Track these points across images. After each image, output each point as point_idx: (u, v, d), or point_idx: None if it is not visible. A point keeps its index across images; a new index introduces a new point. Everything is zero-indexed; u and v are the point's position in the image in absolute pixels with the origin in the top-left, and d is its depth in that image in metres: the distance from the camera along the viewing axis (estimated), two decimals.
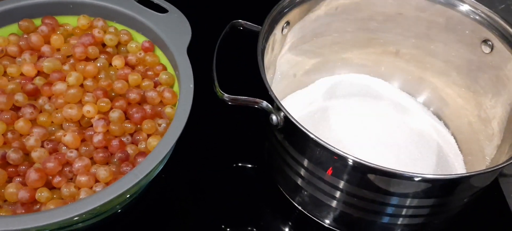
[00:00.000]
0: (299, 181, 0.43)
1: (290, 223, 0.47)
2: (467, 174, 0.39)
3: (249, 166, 0.51)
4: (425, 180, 0.36)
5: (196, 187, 0.49)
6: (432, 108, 0.55)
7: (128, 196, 0.39)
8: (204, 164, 0.51)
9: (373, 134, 0.49)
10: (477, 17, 0.47)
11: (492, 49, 0.47)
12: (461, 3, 0.48)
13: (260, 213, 0.48)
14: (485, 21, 0.47)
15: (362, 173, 0.37)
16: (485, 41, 0.47)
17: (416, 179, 0.36)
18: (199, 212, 0.47)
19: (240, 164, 0.51)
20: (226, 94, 0.41)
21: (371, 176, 0.37)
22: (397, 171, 0.35)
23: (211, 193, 0.48)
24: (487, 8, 0.47)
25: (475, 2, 0.47)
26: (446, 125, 0.54)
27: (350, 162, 0.36)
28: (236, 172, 0.50)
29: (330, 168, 0.39)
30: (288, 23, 0.48)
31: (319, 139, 0.36)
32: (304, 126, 0.37)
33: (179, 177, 0.49)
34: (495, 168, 0.37)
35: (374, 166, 0.35)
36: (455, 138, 0.52)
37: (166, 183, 0.48)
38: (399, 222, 0.41)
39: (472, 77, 0.50)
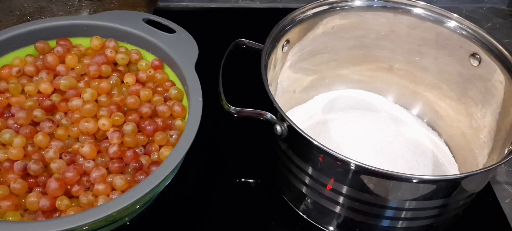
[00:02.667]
0: (304, 189, 0.44)
1: None
2: (460, 175, 0.41)
3: (254, 177, 0.52)
4: (422, 181, 0.38)
5: (202, 198, 0.50)
6: (426, 120, 0.57)
7: (138, 206, 0.40)
8: (210, 176, 0.52)
9: (371, 144, 0.51)
10: (464, 32, 0.50)
11: (480, 62, 0.50)
12: (449, 20, 0.51)
13: (265, 223, 0.49)
14: (472, 36, 0.50)
15: (364, 176, 0.39)
16: (473, 55, 0.50)
17: (414, 180, 0.38)
18: (206, 224, 0.48)
19: (245, 176, 0.52)
20: (232, 107, 0.43)
21: (372, 179, 0.39)
22: (396, 173, 0.37)
23: (216, 204, 0.50)
24: (473, 24, 0.49)
25: (461, 18, 0.50)
26: (440, 135, 0.56)
27: (353, 166, 0.38)
28: (241, 184, 0.52)
29: (334, 174, 0.41)
30: (288, 41, 0.51)
31: (322, 145, 0.38)
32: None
33: (186, 189, 0.50)
34: (484, 169, 0.39)
35: (376, 169, 0.37)
36: (449, 147, 0.54)
37: (173, 196, 0.49)
38: (398, 225, 0.43)
39: (463, 89, 0.53)
